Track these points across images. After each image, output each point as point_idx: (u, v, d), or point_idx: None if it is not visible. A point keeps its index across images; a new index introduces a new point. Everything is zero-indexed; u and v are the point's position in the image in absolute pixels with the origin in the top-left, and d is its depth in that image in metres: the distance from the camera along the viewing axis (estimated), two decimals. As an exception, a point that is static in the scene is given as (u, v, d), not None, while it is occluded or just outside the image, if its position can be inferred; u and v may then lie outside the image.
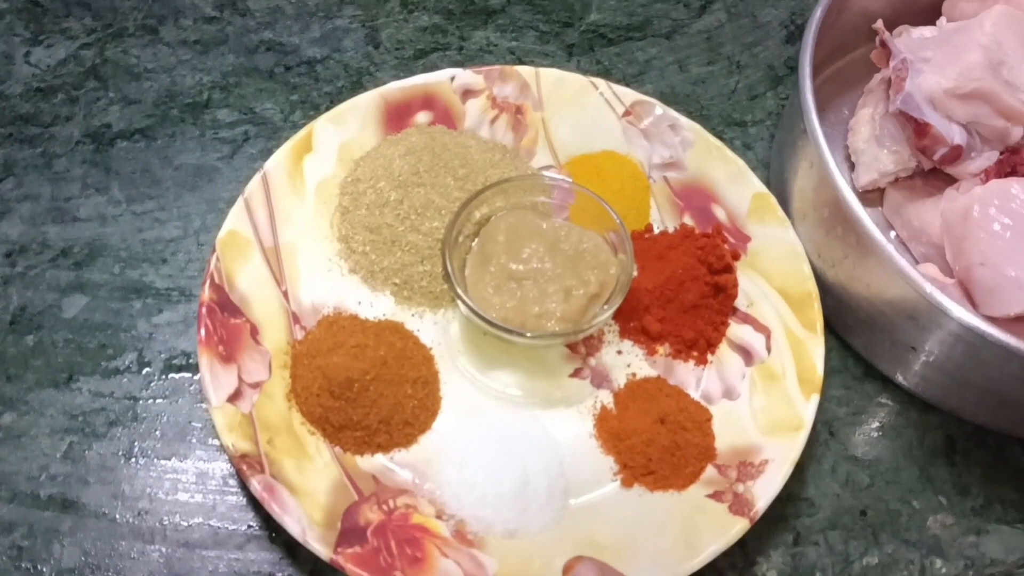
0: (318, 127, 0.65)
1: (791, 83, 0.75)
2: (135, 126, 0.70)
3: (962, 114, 0.63)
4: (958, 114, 0.63)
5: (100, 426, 0.59)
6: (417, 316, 0.62)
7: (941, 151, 0.63)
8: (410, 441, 0.58)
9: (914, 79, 0.64)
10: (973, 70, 0.63)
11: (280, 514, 0.53)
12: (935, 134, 0.63)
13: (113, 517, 0.56)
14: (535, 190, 0.64)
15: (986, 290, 0.59)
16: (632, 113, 0.68)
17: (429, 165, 0.64)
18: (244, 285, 0.60)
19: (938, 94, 0.63)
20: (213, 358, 0.56)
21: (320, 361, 0.58)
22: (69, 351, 0.61)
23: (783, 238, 0.63)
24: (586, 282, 0.59)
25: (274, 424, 0.56)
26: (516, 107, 0.69)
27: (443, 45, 0.75)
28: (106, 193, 0.67)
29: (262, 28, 0.75)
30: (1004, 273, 0.58)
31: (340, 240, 0.64)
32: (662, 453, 0.57)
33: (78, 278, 0.63)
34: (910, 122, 0.63)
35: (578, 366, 0.62)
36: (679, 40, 0.77)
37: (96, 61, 0.73)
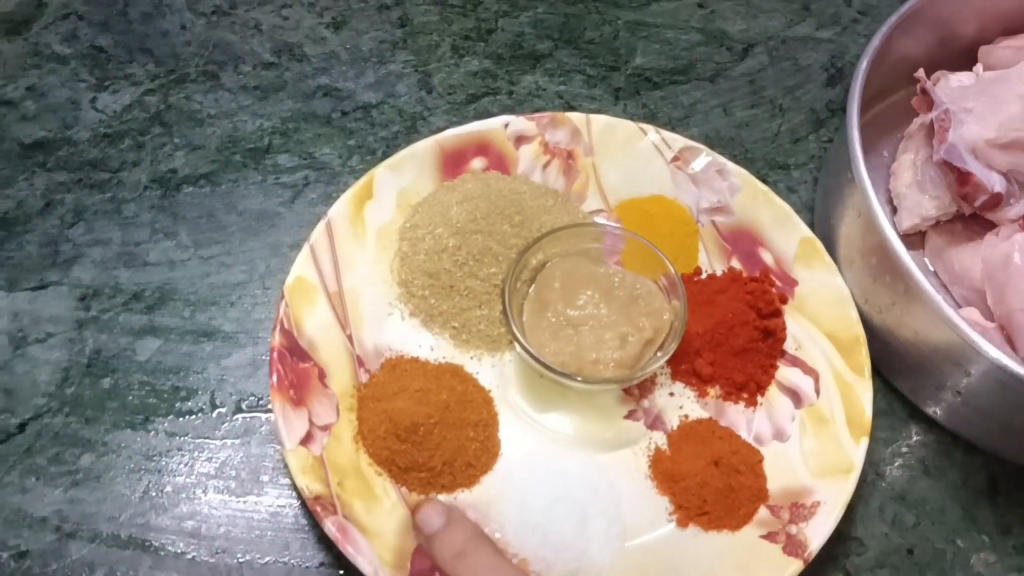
0: (378, 174, 0.68)
1: (833, 126, 0.77)
2: (200, 171, 0.72)
3: (1002, 163, 0.65)
4: (998, 163, 0.65)
5: (176, 466, 0.61)
6: (475, 359, 0.65)
7: (982, 198, 0.65)
8: (472, 482, 0.60)
9: (957, 129, 0.66)
10: (1013, 121, 0.65)
11: (354, 555, 0.55)
12: (977, 182, 0.65)
13: (191, 556, 0.58)
14: (588, 237, 0.66)
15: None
16: (680, 158, 0.70)
17: (485, 212, 0.66)
18: (311, 330, 0.62)
19: (980, 144, 0.65)
20: (285, 402, 0.59)
21: (385, 405, 0.60)
22: (144, 393, 0.63)
23: (830, 283, 0.65)
24: (641, 328, 0.61)
25: (343, 466, 0.59)
26: (567, 152, 0.71)
27: (493, 89, 0.77)
28: (174, 238, 0.69)
29: (318, 74, 0.78)
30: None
31: (400, 285, 0.66)
32: (716, 495, 0.59)
33: (150, 322, 0.66)
34: (952, 171, 0.65)
35: (632, 408, 0.64)
36: (722, 84, 0.79)
37: (160, 107, 0.75)
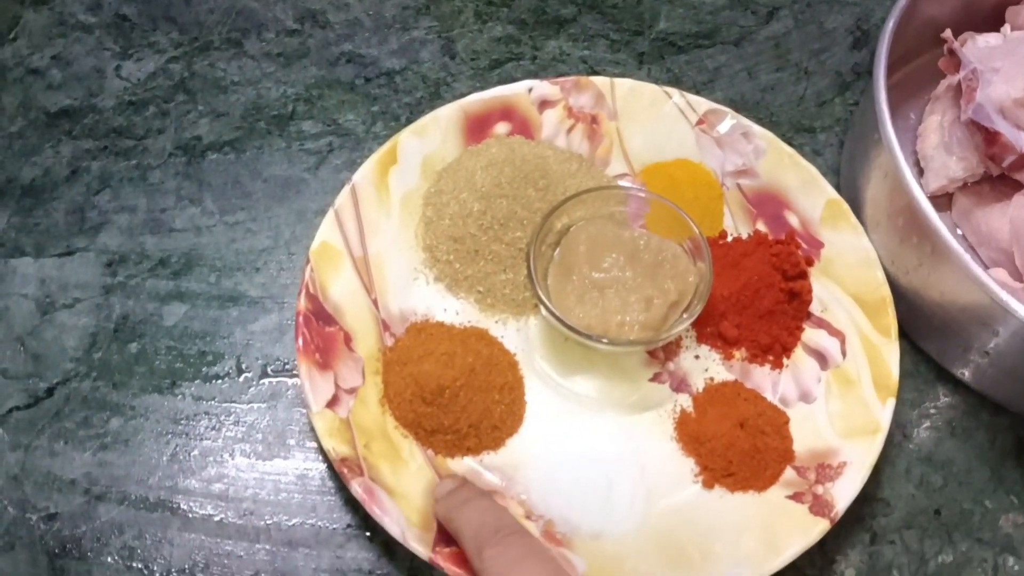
0: (402, 140, 0.68)
1: (858, 88, 0.76)
2: (224, 138, 0.72)
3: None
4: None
5: (203, 430, 0.62)
6: (500, 323, 0.65)
7: (1010, 158, 0.64)
8: (498, 444, 0.60)
9: (984, 89, 0.65)
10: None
11: (381, 516, 0.55)
12: (1004, 142, 0.64)
13: (219, 518, 0.59)
14: (613, 200, 0.66)
15: None
16: (705, 122, 0.70)
17: (510, 177, 0.66)
18: (337, 294, 0.62)
19: (1007, 103, 0.64)
20: (311, 366, 0.59)
21: (412, 368, 0.60)
22: (171, 358, 0.64)
23: (857, 245, 0.65)
24: (666, 291, 0.61)
25: (370, 429, 0.59)
26: (592, 117, 0.70)
27: (517, 55, 0.77)
28: (199, 204, 0.69)
29: (342, 40, 0.78)
30: None
31: (425, 250, 0.66)
32: (742, 456, 0.59)
33: (176, 287, 0.66)
34: (980, 131, 0.65)
35: (657, 371, 0.64)
36: (747, 47, 0.78)
37: (184, 74, 0.75)
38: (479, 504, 0.55)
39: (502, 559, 0.50)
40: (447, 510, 0.55)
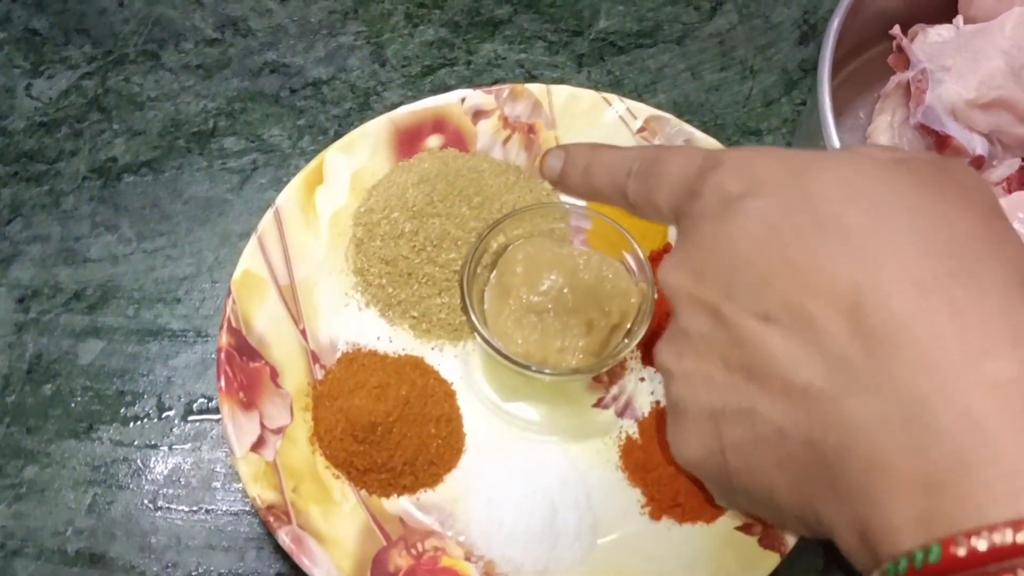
0: (328, 157, 0.64)
1: (806, 86, 0.73)
2: (141, 159, 0.69)
3: (983, 123, 0.62)
4: (979, 124, 0.62)
5: (123, 476, 0.58)
6: (437, 349, 0.62)
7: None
8: (436, 481, 0.58)
9: (934, 90, 0.62)
10: (995, 78, 0.61)
11: (310, 567, 0.52)
12: (956, 146, 0.61)
13: (142, 571, 0.56)
14: (552, 216, 0.63)
15: None
16: (647, 129, 0.67)
17: (444, 194, 0.62)
18: (262, 327, 0.59)
19: (959, 105, 0.62)
20: (235, 406, 0.56)
21: (342, 403, 0.57)
22: (87, 399, 0.60)
23: (805, 257, 0.62)
24: (607, 313, 0.58)
25: (299, 470, 0.56)
26: (529, 126, 0.67)
27: (450, 60, 0.74)
28: (116, 231, 0.66)
29: (265, 49, 0.74)
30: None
31: (356, 273, 0.63)
32: (689, 486, 0.56)
33: (92, 322, 0.63)
34: (931, 134, 0.62)
35: (601, 395, 0.61)
36: (691, 45, 0.75)
37: (98, 91, 0.71)
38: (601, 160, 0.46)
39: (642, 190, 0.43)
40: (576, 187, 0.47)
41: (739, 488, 0.37)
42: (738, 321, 0.35)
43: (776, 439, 0.35)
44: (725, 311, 0.36)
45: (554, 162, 0.48)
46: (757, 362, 0.35)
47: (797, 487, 0.35)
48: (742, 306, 0.35)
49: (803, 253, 0.34)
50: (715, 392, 0.37)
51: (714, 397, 0.37)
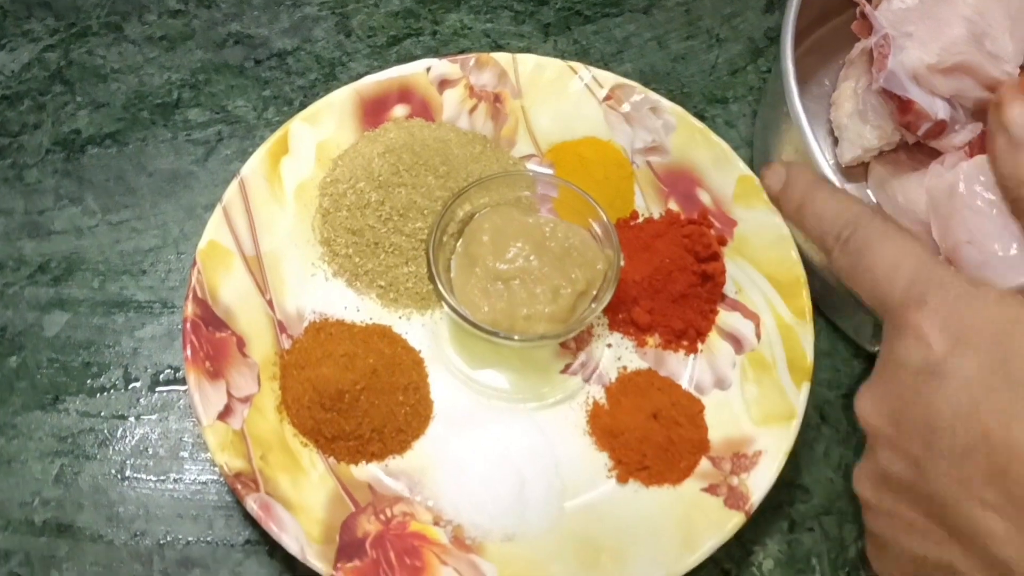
0: (293, 128, 0.64)
1: (771, 55, 0.74)
2: (105, 131, 0.68)
3: (945, 88, 0.62)
4: (941, 88, 0.62)
5: (90, 447, 0.58)
6: (404, 318, 0.62)
7: (925, 126, 0.62)
8: (404, 448, 0.58)
9: (896, 55, 0.63)
10: (956, 44, 0.62)
11: (278, 533, 0.52)
12: (918, 110, 0.62)
13: (110, 540, 0.56)
14: (518, 185, 0.63)
15: (974, 267, 0.59)
16: (613, 97, 0.67)
17: (409, 164, 0.62)
18: (227, 297, 0.59)
19: (921, 70, 0.62)
20: (201, 375, 0.56)
21: (309, 373, 0.57)
22: (53, 371, 0.60)
23: (769, 222, 0.62)
24: (574, 280, 0.59)
25: (266, 439, 0.56)
26: (495, 95, 0.67)
27: (416, 30, 0.73)
28: (80, 204, 0.65)
29: (229, 20, 0.73)
30: (991, 250, 0.58)
31: (322, 243, 0.63)
32: (655, 449, 0.57)
33: (57, 294, 0.62)
34: (893, 99, 0.62)
35: (568, 361, 0.61)
36: (657, 15, 0.75)
37: (61, 64, 0.70)
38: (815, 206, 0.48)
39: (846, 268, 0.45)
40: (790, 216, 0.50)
41: None
42: (942, 481, 0.38)
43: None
44: (927, 469, 0.39)
45: (773, 184, 0.51)
46: (961, 526, 0.38)
47: None
48: (944, 469, 0.38)
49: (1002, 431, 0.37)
50: (916, 539, 0.40)
51: (915, 543, 0.40)
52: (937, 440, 0.38)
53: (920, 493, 0.39)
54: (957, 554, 0.38)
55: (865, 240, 0.45)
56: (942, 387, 0.38)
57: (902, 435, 0.40)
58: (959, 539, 0.38)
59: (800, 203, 0.49)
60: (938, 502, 0.38)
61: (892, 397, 0.40)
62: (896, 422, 0.40)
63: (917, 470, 0.39)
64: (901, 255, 0.43)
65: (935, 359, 0.39)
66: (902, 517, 0.41)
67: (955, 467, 0.38)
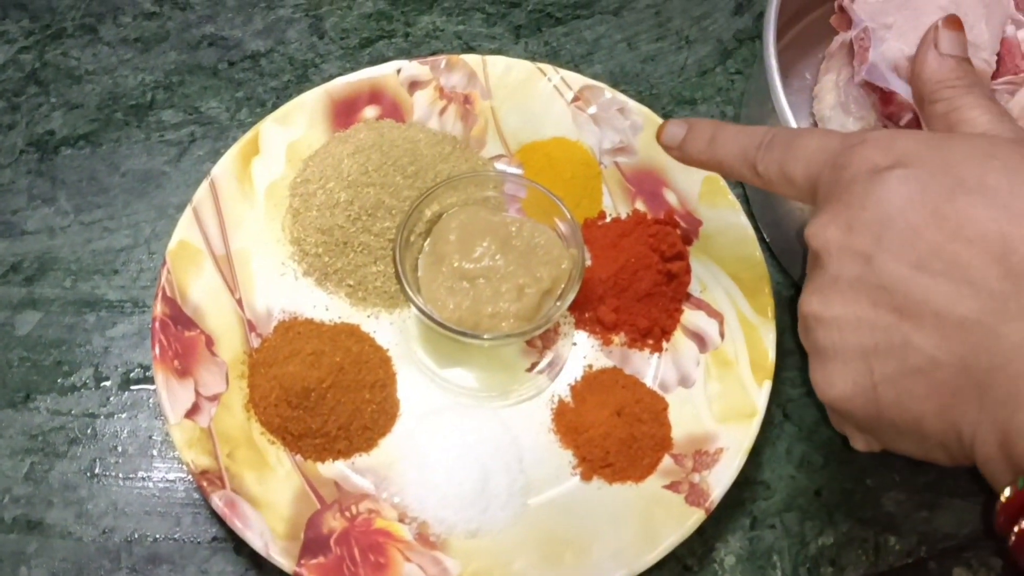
0: (264, 128, 0.65)
1: (740, 56, 0.74)
2: (79, 132, 0.69)
3: None
4: None
5: (60, 445, 0.59)
6: (373, 317, 0.62)
7: (907, 116, 0.63)
8: (370, 445, 0.59)
9: (877, 48, 0.63)
10: None
11: (243, 529, 0.53)
12: (901, 101, 0.62)
13: (79, 536, 0.57)
14: (485, 184, 0.64)
15: None
16: (581, 98, 0.67)
17: (378, 164, 0.63)
18: (197, 296, 0.60)
19: (901, 61, 0.62)
20: (169, 374, 0.57)
21: (276, 371, 0.58)
22: (24, 369, 0.61)
23: (734, 222, 0.63)
24: (539, 279, 0.59)
25: (233, 436, 0.57)
26: (464, 97, 0.68)
27: (388, 32, 0.74)
28: (53, 204, 0.66)
29: (203, 22, 0.74)
30: None
31: (292, 243, 0.63)
32: (619, 446, 0.58)
33: (29, 294, 0.63)
34: (875, 91, 0.63)
35: (535, 359, 0.62)
36: (627, 16, 0.76)
37: (36, 65, 0.71)
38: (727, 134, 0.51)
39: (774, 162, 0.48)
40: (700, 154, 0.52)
41: (887, 421, 0.41)
42: (890, 267, 0.40)
43: (929, 368, 0.39)
44: (877, 259, 0.41)
45: (676, 130, 0.53)
46: (910, 302, 0.40)
47: (944, 412, 0.39)
48: (893, 254, 0.40)
49: (952, 209, 0.40)
50: (865, 332, 0.41)
51: (864, 337, 0.41)
52: (888, 228, 0.41)
53: (868, 284, 0.41)
54: (908, 330, 0.40)
55: (789, 134, 0.48)
56: (892, 185, 0.41)
57: (853, 236, 0.42)
58: (910, 317, 0.40)
59: (711, 136, 0.51)
60: (888, 288, 0.40)
61: (843, 208, 0.42)
62: (847, 228, 0.42)
63: (867, 265, 0.41)
64: (827, 134, 0.47)
65: (880, 168, 0.42)
66: (848, 316, 0.42)
67: (906, 248, 0.40)
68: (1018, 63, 0.65)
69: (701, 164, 0.53)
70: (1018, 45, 0.65)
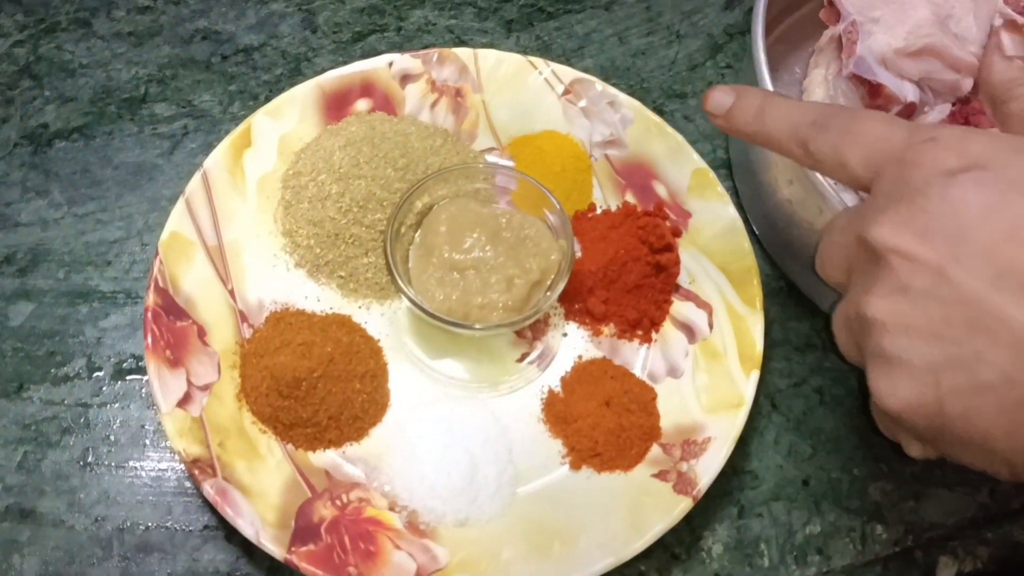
0: (256, 121, 0.65)
1: (730, 51, 0.75)
2: (72, 125, 0.69)
3: (914, 71, 0.63)
4: (910, 71, 0.63)
5: (53, 434, 0.59)
6: (364, 308, 0.63)
7: (895, 109, 0.63)
8: (361, 435, 0.59)
9: (864, 41, 0.63)
10: (922, 27, 0.62)
11: (233, 517, 0.53)
12: (888, 94, 0.63)
13: (71, 525, 0.57)
14: (476, 177, 0.64)
15: None
16: (572, 92, 0.68)
17: (369, 157, 0.63)
18: (189, 287, 0.60)
19: (889, 54, 0.63)
20: (161, 364, 0.57)
21: (267, 361, 0.58)
22: (18, 360, 0.61)
23: (723, 214, 0.64)
24: (528, 270, 0.60)
25: (225, 426, 0.57)
26: (456, 90, 0.68)
27: (381, 26, 0.74)
28: (46, 196, 0.66)
29: (196, 16, 0.74)
30: None
31: (284, 235, 0.64)
32: (608, 436, 0.58)
33: (23, 285, 0.63)
34: (863, 84, 0.63)
35: (525, 350, 0.62)
36: (618, 11, 0.76)
37: (30, 58, 0.72)
38: (777, 107, 0.49)
39: (828, 144, 0.46)
40: (747, 125, 0.50)
41: (951, 434, 0.40)
42: (965, 281, 0.39)
43: (1002, 385, 0.38)
44: (951, 271, 0.39)
45: (724, 98, 0.51)
46: (986, 318, 0.38)
47: (1015, 430, 0.38)
48: (969, 268, 0.39)
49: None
50: (936, 345, 0.40)
51: (935, 349, 0.40)
52: (965, 240, 0.39)
53: (943, 298, 0.40)
54: (982, 346, 0.39)
55: (847, 116, 0.46)
56: (969, 191, 0.40)
57: (927, 245, 0.40)
58: (984, 333, 0.39)
59: (759, 108, 0.49)
60: (962, 302, 0.39)
61: (916, 213, 0.41)
62: (922, 234, 0.41)
63: (940, 276, 0.40)
64: (889, 118, 0.45)
65: (958, 172, 0.41)
66: (920, 327, 0.40)
67: (983, 263, 0.39)
68: (1006, 56, 0.65)
69: (747, 136, 0.51)
70: (1007, 39, 0.66)
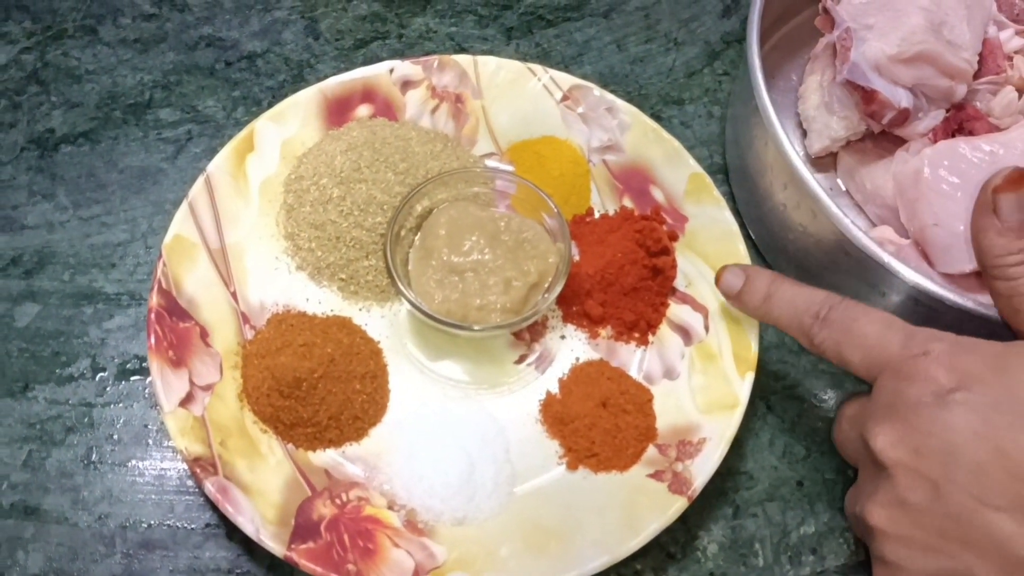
0: (259, 126, 0.66)
1: (728, 58, 0.76)
2: (78, 130, 0.70)
3: (907, 77, 0.64)
4: (903, 78, 0.64)
5: (58, 433, 0.60)
6: (364, 310, 0.64)
7: (889, 115, 0.64)
8: (361, 435, 0.60)
9: (858, 47, 0.64)
10: (915, 34, 0.63)
11: (234, 514, 0.54)
12: (882, 100, 0.63)
13: (75, 522, 0.58)
14: (475, 181, 0.65)
15: (941, 249, 0.60)
16: (570, 98, 0.69)
17: (370, 161, 0.64)
18: (192, 288, 0.61)
19: (883, 61, 0.64)
20: (164, 364, 0.58)
21: (269, 361, 0.59)
22: (23, 360, 0.62)
23: (719, 218, 0.65)
24: (526, 272, 0.61)
25: (226, 425, 0.58)
26: (456, 96, 0.69)
27: (382, 34, 0.76)
28: (52, 199, 0.67)
29: (201, 23, 0.75)
30: (956, 231, 0.59)
31: (286, 238, 0.65)
32: (604, 436, 0.59)
33: (29, 287, 0.64)
34: (857, 90, 0.64)
35: (523, 352, 0.63)
36: (617, 19, 0.77)
37: (37, 65, 0.73)
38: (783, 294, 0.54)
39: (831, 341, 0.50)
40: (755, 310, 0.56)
41: None
42: (957, 498, 0.43)
43: None
44: (944, 488, 0.44)
45: (734, 281, 0.57)
46: (975, 534, 0.43)
47: None
48: (959, 486, 0.43)
49: (1014, 446, 0.42)
50: (931, 556, 0.44)
51: (930, 561, 0.45)
52: (955, 460, 0.43)
53: (936, 513, 0.44)
54: (971, 560, 0.43)
55: (847, 314, 0.50)
56: (957, 414, 0.44)
57: (922, 462, 0.44)
58: (974, 548, 0.43)
59: (767, 294, 0.55)
60: (953, 518, 0.43)
61: (911, 431, 0.45)
62: (916, 452, 0.45)
63: (935, 492, 0.44)
64: (886, 321, 0.49)
65: (947, 393, 0.45)
66: (916, 539, 0.45)
67: (972, 482, 0.43)
68: (1000, 63, 0.66)
69: (760, 319, 0.57)
70: (1000, 45, 0.67)
